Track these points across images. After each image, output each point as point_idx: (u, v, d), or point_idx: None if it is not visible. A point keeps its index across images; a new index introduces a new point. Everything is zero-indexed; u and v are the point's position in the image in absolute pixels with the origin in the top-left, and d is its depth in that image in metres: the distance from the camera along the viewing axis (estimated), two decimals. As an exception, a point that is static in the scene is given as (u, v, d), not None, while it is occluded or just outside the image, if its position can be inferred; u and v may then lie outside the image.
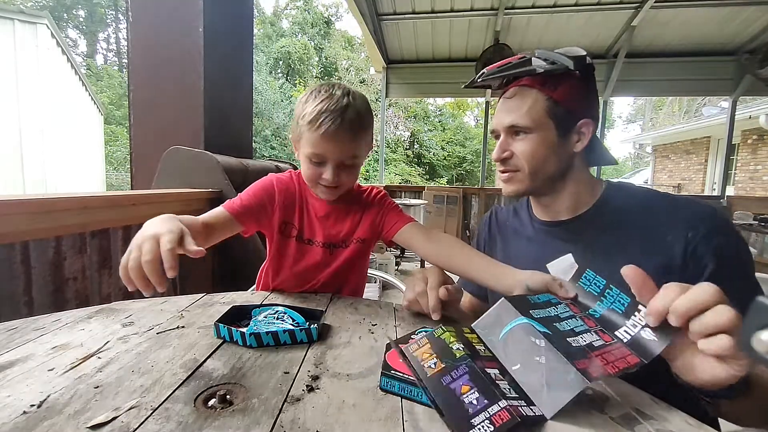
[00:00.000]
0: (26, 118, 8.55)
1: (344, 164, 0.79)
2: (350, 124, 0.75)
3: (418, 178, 18.28)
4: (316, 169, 0.79)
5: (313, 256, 0.85)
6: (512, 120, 0.70)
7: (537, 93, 0.68)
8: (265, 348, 0.52)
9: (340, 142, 0.76)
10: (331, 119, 0.73)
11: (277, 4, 24.50)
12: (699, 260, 0.60)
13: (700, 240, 0.60)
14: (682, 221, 0.63)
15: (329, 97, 0.76)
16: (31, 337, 0.52)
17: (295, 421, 0.36)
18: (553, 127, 0.68)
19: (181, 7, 1.58)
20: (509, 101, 0.71)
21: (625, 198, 0.70)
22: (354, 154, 0.79)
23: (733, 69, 5.24)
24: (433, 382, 0.40)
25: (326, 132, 0.74)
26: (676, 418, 0.39)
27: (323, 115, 0.74)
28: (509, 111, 0.70)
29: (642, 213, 0.67)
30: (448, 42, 5.58)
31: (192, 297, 0.72)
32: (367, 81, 19.21)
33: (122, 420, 0.35)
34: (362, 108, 0.79)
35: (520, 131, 0.70)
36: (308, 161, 0.79)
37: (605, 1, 4.66)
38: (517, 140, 0.71)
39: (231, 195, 1.47)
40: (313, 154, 0.77)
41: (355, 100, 0.78)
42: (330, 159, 0.77)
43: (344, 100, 0.76)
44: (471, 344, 0.46)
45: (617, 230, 0.67)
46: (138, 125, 1.66)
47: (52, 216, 0.89)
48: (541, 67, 0.67)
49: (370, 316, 0.66)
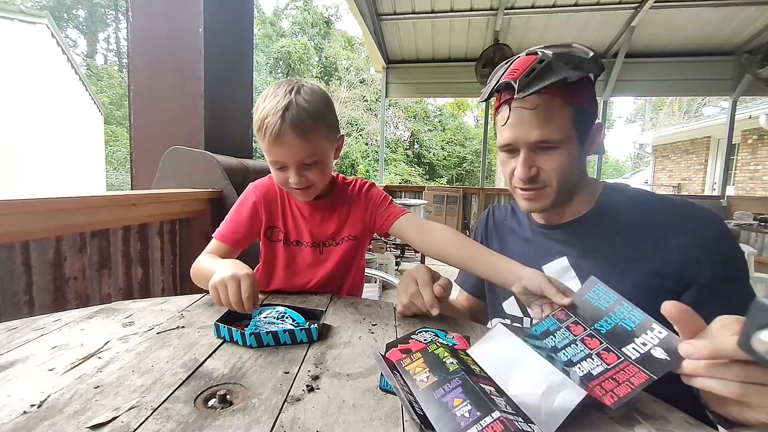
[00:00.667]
0: (26, 119, 8.55)
1: (305, 164, 0.75)
2: (293, 124, 0.70)
3: (418, 178, 18.28)
4: (281, 174, 0.77)
5: (304, 257, 0.84)
6: (541, 135, 0.63)
7: (561, 102, 0.62)
8: (265, 348, 0.52)
9: (289, 145, 0.72)
10: (272, 124, 0.70)
11: (277, 4, 24.56)
12: (694, 268, 0.59)
13: (695, 247, 0.59)
14: (678, 227, 0.62)
15: (272, 99, 0.72)
16: (31, 337, 0.52)
17: (295, 420, 0.36)
18: (576, 137, 0.64)
19: (181, 7, 1.58)
20: (531, 113, 0.63)
21: (622, 201, 0.69)
22: (310, 153, 0.74)
23: (733, 69, 5.25)
24: (424, 395, 0.38)
25: (271, 138, 0.71)
26: (676, 418, 0.39)
27: (266, 121, 0.71)
28: (535, 125, 0.63)
29: (638, 217, 0.66)
30: (448, 42, 5.58)
31: (192, 297, 0.72)
32: (367, 81, 19.21)
33: (122, 420, 0.35)
34: (309, 103, 0.73)
35: (549, 146, 0.64)
36: (272, 167, 0.77)
37: (605, 1, 4.67)
38: (544, 155, 0.65)
39: (231, 195, 1.47)
40: (271, 161, 0.76)
41: (299, 95, 0.73)
42: (288, 162, 0.74)
43: (285, 100, 0.71)
44: (465, 362, 0.44)
45: (613, 234, 0.66)
46: (138, 125, 1.66)
47: (52, 216, 0.89)
48: (573, 77, 0.60)
49: (370, 316, 0.66)
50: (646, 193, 0.70)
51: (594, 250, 0.67)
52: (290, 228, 0.86)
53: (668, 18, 4.75)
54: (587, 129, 0.66)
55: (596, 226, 0.69)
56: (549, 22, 5.03)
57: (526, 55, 0.64)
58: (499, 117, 0.68)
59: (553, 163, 0.64)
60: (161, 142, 1.56)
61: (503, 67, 0.66)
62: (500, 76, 0.65)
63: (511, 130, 0.65)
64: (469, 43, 5.59)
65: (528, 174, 0.65)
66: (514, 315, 0.79)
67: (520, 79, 0.61)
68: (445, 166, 19.78)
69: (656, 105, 21.52)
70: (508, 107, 0.65)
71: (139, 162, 1.67)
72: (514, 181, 0.69)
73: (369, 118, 18.45)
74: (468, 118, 22.68)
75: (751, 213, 4.26)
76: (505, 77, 0.63)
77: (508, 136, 0.66)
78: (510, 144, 0.66)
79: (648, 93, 8.07)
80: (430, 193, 5.84)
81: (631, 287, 0.62)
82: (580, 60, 0.61)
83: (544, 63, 0.60)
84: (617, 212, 0.68)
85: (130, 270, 1.13)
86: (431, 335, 0.53)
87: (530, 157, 0.65)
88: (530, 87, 0.60)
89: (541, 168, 0.65)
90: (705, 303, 0.57)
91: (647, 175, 12.68)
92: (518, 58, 0.64)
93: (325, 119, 0.77)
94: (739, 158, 8.26)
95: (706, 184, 9.35)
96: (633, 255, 0.63)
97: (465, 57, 5.84)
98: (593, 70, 0.62)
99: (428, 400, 0.38)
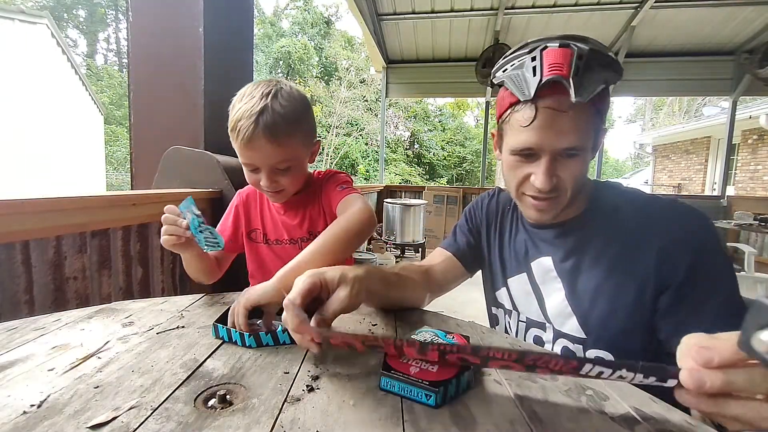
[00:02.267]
0: (26, 119, 8.55)
1: (278, 169, 0.74)
2: (267, 129, 0.68)
3: (418, 178, 18.29)
4: (253, 176, 0.76)
5: (287, 254, 0.84)
6: (572, 142, 0.56)
7: (591, 106, 0.56)
8: (264, 348, 0.52)
9: (260, 150, 0.70)
10: (245, 127, 0.68)
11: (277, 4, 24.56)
12: (670, 269, 0.57)
13: (673, 248, 0.57)
14: (658, 228, 0.60)
15: (248, 101, 0.70)
16: (31, 337, 0.52)
17: (295, 421, 0.36)
18: (592, 141, 0.60)
19: (181, 7, 1.58)
20: (564, 116, 0.55)
21: (610, 203, 0.67)
22: (283, 158, 0.73)
23: (733, 69, 5.25)
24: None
25: (243, 140, 0.69)
26: (676, 418, 0.39)
27: (239, 123, 0.69)
28: (567, 130, 0.56)
29: (623, 219, 0.64)
30: (448, 42, 5.58)
31: (192, 297, 0.72)
32: (367, 81, 19.20)
33: (122, 420, 0.35)
34: (285, 108, 0.71)
35: (573, 153, 0.58)
36: (245, 168, 0.76)
37: (605, 1, 4.67)
38: (565, 162, 0.59)
39: (231, 195, 1.47)
40: (243, 163, 0.75)
41: (276, 100, 0.71)
42: (260, 165, 0.73)
43: (260, 104, 0.69)
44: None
45: (598, 237, 0.65)
46: (138, 125, 1.66)
47: (52, 216, 0.89)
48: (613, 80, 0.55)
49: (370, 316, 0.66)
50: (634, 194, 0.68)
51: (579, 253, 0.67)
52: (269, 228, 0.87)
53: (668, 18, 4.75)
54: (600, 134, 0.63)
55: (583, 229, 0.67)
56: (549, 22, 5.03)
57: (559, 47, 0.55)
58: (518, 116, 0.59)
59: (572, 170, 0.59)
60: (161, 142, 1.56)
61: (531, 57, 0.57)
62: (534, 67, 0.56)
63: (536, 132, 0.57)
64: (469, 43, 5.59)
65: (551, 185, 0.59)
66: (505, 306, 0.80)
67: (573, 77, 0.53)
68: (445, 166, 19.79)
69: (656, 105, 21.52)
70: (534, 106, 0.56)
71: (139, 162, 1.67)
72: (526, 188, 0.63)
73: (369, 118, 18.45)
74: (468, 118, 22.69)
75: (751, 213, 4.26)
76: (551, 73, 0.54)
77: (532, 139, 0.58)
78: (531, 148, 0.59)
79: (648, 93, 8.07)
80: (430, 193, 5.83)
81: (613, 289, 0.62)
82: (611, 61, 0.56)
83: (585, 60, 0.54)
84: (605, 214, 0.66)
85: (130, 270, 1.13)
86: (431, 335, 0.54)
87: (553, 165, 0.59)
88: (585, 89, 0.53)
89: (560, 176, 0.60)
90: (681, 306, 0.57)
91: (647, 175, 12.69)
92: (547, 48, 0.56)
93: (302, 125, 0.75)
94: (740, 158, 8.25)
95: (707, 184, 9.35)
96: (616, 257, 0.62)
97: (465, 57, 5.84)
98: (620, 73, 0.57)
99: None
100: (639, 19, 4.68)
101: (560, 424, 0.37)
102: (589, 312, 0.64)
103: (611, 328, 0.63)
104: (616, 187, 0.71)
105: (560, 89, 0.54)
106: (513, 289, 0.77)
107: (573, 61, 0.54)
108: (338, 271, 0.50)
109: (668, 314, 0.58)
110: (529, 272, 0.74)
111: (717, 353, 0.31)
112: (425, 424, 0.37)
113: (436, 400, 0.39)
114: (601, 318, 0.63)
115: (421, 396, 0.40)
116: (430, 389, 0.40)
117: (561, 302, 0.68)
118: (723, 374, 0.30)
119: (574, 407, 0.40)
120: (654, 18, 4.74)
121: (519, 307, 0.76)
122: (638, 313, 0.61)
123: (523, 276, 0.74)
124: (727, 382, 0.30)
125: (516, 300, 0.77)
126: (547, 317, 0.70)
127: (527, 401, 0.41)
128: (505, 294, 0.79)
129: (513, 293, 0.77)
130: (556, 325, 0.69)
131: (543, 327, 0.71)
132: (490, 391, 0.43)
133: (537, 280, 0.72)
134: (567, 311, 0.67)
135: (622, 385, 0.46)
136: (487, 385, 0.44)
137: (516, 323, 0.77)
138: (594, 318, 0.64)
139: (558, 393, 0.43)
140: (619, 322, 0.62)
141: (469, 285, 0.95)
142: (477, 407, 0.40)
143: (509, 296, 0.78)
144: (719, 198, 5.32)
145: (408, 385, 0.41)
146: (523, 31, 5.23)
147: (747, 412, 0.30)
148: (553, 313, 0.69)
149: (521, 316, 0.76)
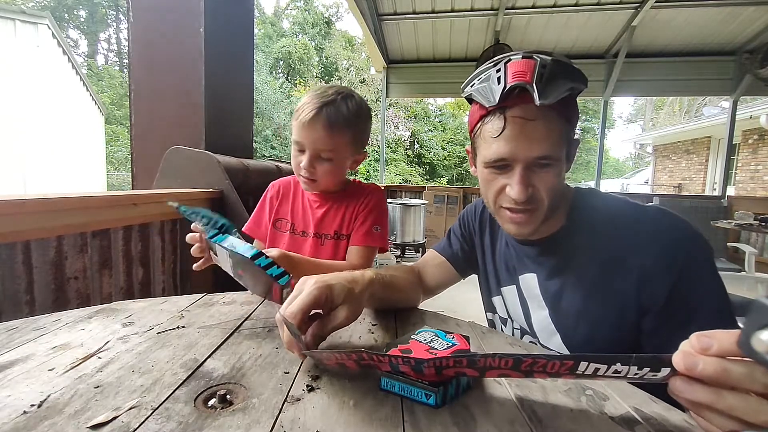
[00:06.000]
0: (27, 119, 8.56)
1: (321, 156, 0.82)
2: (327, 116, 0.78)
3: (418, 178, 18.28)
4: (297, 157, 0.84)
5: (306, 247, 0.89)
6: (543, 151, 0.56)
7: (557, 115, 0.56)
8: (265, 348, 0.52)
9: (313, 131, 0.79)
10: (310, 109, 0.78)
11: (277, 4, 24.53)
12: (649, 294, 0.56)
13: (652, 271, 0.56)
14: (639, 245, 0.58)
15: (321, 92, 0.81)
16: (31, 337, 0.52)
17: (295, 421, 0.36)
18: (565, 152, 0.60)
19: (182, 7, 1.58)
20: (532, 125, 0.55)
21: (590, 216, 0.65)
22: (330, 147, 0.81)
23: (733, 69, 5.23)
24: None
25: (303, 119, 0.79)
26: (676, 418, 0.39)
27: (305, 105, 0.79)
28: (537, 139, 0.56)
29: (605, 234, 0.62)
30: (449, 42, 5.57)
31: (192, 297, 0.72)
32: (368, 81, 19.20)
33: (122, 420, 0.35)
34: (350, 110, 0.81)
35: (546, 163, 0.58)
36: (294, 146, 0.85)
37: (605, 1, 4.66)
38: (539, 173, 0.58)
39: (231, 195, 1.47)
40: (294, 141, 0.83)
41: (345, 101, 0.81)
42: (307, 147, 0.81)
43: (331, 97, 0.80)
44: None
45: (580, 254, 0.64)
46: (139, 125, 1.67)
47: (53, 216, 0.89)
48: (579, 89, 0.57)
49: (370, 316, 0.66)
50: (615, 204, 0.65)
51: (561, 273, 0.66)
52: (298, 219, 0.92)
53: (669, 18, 4.74)
54: (573, 145, 0.62)
55: (565, 246, 0.66)
56: (549, 22, 5.02)
57: (522, 58, 0.57)
58: (488, 127, 0.59)
59: (547, 181, 0.59)
60: (162, 142, 1.56)
61: (496, 69, 0.58)
62: (498, 77, 0.57)
63: (507, 142, 0.57)
64: (469, 43, 5.58)
65: (526, 194, 0.58)
66: (500, 314, 0.80)
67: (536, 83, 0.53)
68: (445, 166, 19.78)
69: (656, 105, 21.50)
70: (502, 116, 0.57)
71: (140, 162, 1.67)
72: (502, 201, 0.63)
73: (369, 118, 18.41)
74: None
75: (751, 213, 4.24)
76: (515, 80, 0.54)
77: (503, 149, 0.57)
78: (504, 159, 0.58)
79: (648, 93, 8.04)
80: (430, 193, 5.83)
81: (594, 312, 0.62)
82: (575, 70, 0.57)
83: (548, 69, 0.55)
84: (585, 230, 0.64)
85: (131, 270, 1.13)
86: (431, 335, 0.53)
87: (527, 176, 0.58)
88: (549, 94, 0.53)
89: (535, 187, 0.59)
90: (665, 327, 0.56)
91: (648, 175, 12.68)
92: (511, 61, 0.57)
93: (356, 128, 0.84)
94: (740, 158, 8.25)
95: (707, 184, 9.34)
96: (597, 277, 0.61)
97: (465, 57, 5.83)
98: (585, 83, 0.58)
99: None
100: (639, 19, 4.68)
101: (560, 424, 0.37)
102: (573, 333, 0.65)
103: (595, 348, 0.62)
104: (597, 195, 0.69)
105: (526, 98, 0.54)
106: (507, 297, 0.77)
107: (536, 69, 0.55)
108: (345, 288, 0.50)
109: (653, 335, 0.58)
110: (518, 285, 0.74)
111: (716, 341, 0.31)
112: (425, 425, 0.37)
113: (436, 400, 0.39)
114: (584, 338, 0.63)
115: (421, 396, 0.40)
116: (430, 389, 0.40)
117: (545, 319, 0.68)
118: (719, 362, 0.30)
119: (574, 407, 0.40)
120: (654, 18, 4.73)
121: (512, 315, 0.77)
122: (621, 334, 0.61)
123: (514, 288, 0.75)
124: (723, 370, 0.30)
125: (510, 309, 0.77)
126: (533, 331, 0.71)
127: (527, 401, 0.41)
128: (500, 302, 0.79)
129: (507, 302, 0.77)
130: (541, 339, 0.69)
131: (535, 336, 0.72)
132: (490, 392, 0.43)
133: (525, 294, 0.72)
134: (551, 329, 0.67)
135: (622, 385, 0.46)
136: (487, 386, 0.44)
137: (511, 331, 0.78)
138: (577, 338, 0.64)
139: (558, 393, 0.43)
140: (602, 343, 0.62)
141: (468, 285, 0.95)
142: (477, 407, 0.40)
143: (503, 304, 0.78)
144: (720, 198, 5.31)
145: (408, 385, 0.41)
146: (523, 31, 5.22)
147: (741, 403, 0.30)
148: (538, 328, 0.70)
149: (515, 324, 0.77)
